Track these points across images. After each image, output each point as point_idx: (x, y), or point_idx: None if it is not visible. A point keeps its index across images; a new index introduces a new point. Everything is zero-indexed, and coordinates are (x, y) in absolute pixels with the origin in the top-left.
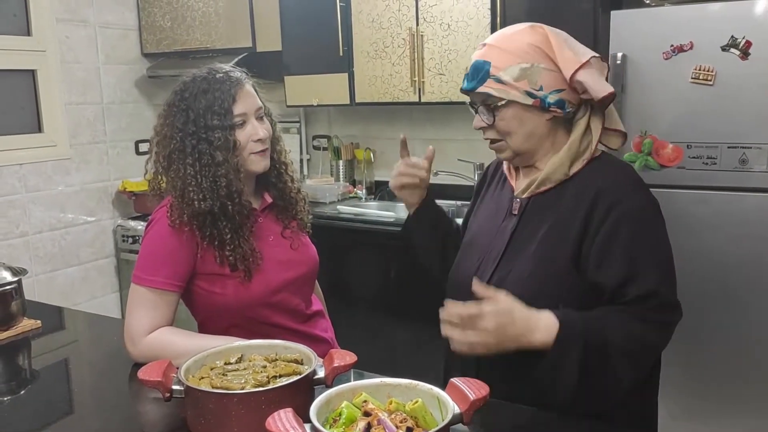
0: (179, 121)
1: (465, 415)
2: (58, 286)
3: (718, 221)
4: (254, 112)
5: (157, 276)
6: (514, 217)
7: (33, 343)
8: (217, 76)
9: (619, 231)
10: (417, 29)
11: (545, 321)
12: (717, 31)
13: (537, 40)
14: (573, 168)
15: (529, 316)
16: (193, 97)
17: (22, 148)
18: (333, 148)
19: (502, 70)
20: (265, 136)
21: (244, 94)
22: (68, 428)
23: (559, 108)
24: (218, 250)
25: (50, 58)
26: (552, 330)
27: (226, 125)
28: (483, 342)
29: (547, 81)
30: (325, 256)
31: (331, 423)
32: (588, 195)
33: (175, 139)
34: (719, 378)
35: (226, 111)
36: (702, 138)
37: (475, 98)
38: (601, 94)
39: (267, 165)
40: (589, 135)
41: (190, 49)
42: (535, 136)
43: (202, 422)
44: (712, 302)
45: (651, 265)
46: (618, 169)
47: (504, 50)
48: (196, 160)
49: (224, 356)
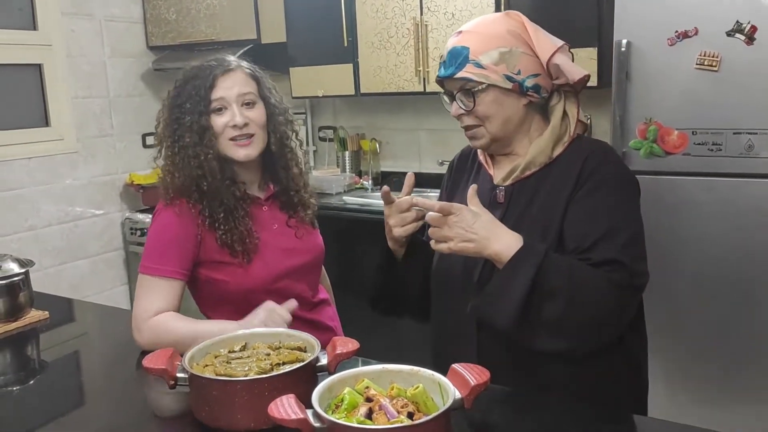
0: (167, 108)
1: (466, 400)
2: (67, 279)
3: (724, 208)
4: (236, 97)
5: (163, 264)
6: (500, 206)
7: (43, 334)
8: (209, 63)
9: (600, 187)
10: (421, 19)
11: (510, 236)
12: (722, 16)
13: (514, 26)
14: (555, 151)
15: (496, 225)
16: (182, 84)
17: (29, 142)
18: (339, 139)
19: (482, 54)
20: (240, 122)
21: (226, 79)
22: (79, 419)
23: (536, 92)
24: (216, 231)
25: (56, 52)
26: (513, 247)
27: (197, 110)
28: (454, 235)
29: (525, 65)
30: (331, 246)
31: (333, 409)
32: (578, 161)
33: (166, 124)
34: (726, 366)
35: (202, 97)
36: (707, 124)
37: (452, 85)
38: (578, 76)
39: (249, 154)
40: (567, 119)
41: (195, 41)
42: (513, 122)
43: (207, 409)
44: (719, 290)
45: (624, 229)
46: (601, 142)
47: (482, 35)
48: (174, 142)
49: (228, 344)
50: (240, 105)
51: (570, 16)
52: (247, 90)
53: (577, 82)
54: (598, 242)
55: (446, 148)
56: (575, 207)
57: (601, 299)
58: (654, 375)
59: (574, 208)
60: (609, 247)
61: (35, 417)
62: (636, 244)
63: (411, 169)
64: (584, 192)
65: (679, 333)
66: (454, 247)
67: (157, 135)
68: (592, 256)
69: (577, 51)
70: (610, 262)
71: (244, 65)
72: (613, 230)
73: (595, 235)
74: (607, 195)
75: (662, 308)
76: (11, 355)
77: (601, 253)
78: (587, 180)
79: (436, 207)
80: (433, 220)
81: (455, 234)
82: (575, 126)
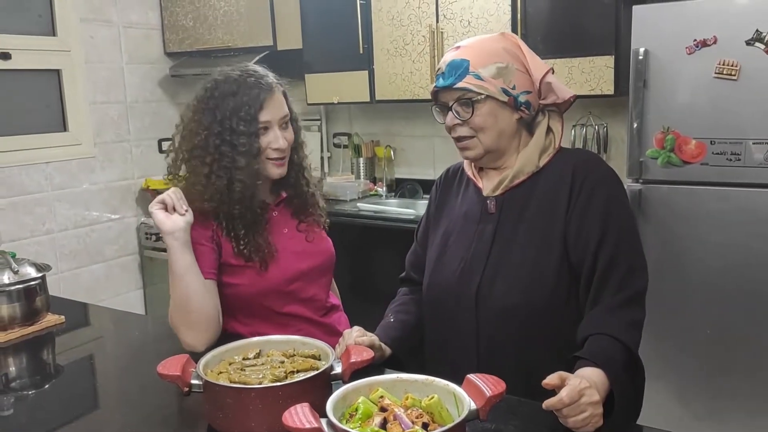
0: (206, 118)
1: (481, 411)
2: (83, 283)
3: (742, 218)
4: (279, 120)
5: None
6: (492, 216)
7: (58, 338)
8: (248, 81)
9: (597, 192)
10: (437, 26)
11: (588, 373)
12: (741, 25)
13: (510, 45)
14: (542, 160)
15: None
16: (222, 96)
17: (48, 146)
18: (353, 146)
19: (481, 67)
20: (284, 146)
21: (272, 102)
22: (94, 422)
23: (527, 108)
24: (233, 241)
25: (75, 58)
26: (600, 376)
27: (251, 131)
28: (594, 413)
29: (520, 82)
30: (345, 253)
31: (348, 418)
32: (566, 172)
33: (200, 136)
34: (745, 376)
35: (252, 117)
36: (726, 134)
37: (448, 97)
38: (567, 95)
39: (283, 173)
40: (551, 134)
41: (212, 47)
42: (505, 135)
43: (221, 416)
44: (738, 302)
45: (622, 229)
46: (586, 151)
47: (481, 50)
48: (215, 160)
49: (242, 351)
50: (279, 126)
51: (587, 24)
52: (286, 112)
53: (565, 101)
54: (602, 244)
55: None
56: (578, 215)
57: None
58: (669, 388)
59: (577, 216)
60: (609, 247)
61: (50, 420)
62: (637, 251)
63: (425, 176)
64: (583, 198)
65: (697, 345)
66: (596, 421)
67: (183, 144)
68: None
69: (594, 59)
70: (614, 266)
71: (279, 82)
72: (614, 227)
73: (599, 235)
74: (607, 200)
75: (678, 319)
76: (27, 359)
77: (606, 258)
78: (583, 185)
79: (566, 400)
80: (569, 411)
81: (584, 409)
82: (560, 139)
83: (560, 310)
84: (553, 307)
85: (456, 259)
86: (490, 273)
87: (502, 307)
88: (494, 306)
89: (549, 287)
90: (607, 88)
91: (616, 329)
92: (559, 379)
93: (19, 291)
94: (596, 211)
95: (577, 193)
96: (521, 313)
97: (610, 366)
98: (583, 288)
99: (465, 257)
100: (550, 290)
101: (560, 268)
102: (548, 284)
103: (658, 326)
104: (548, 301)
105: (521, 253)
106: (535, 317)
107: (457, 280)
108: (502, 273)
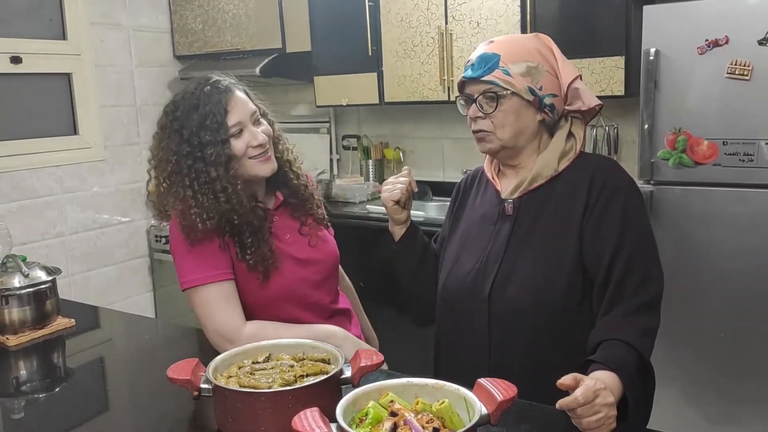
0: (173, 142)
1: (492, 416)
2: (94, 286)
3: (755, 220)
4: (249, 118)
5: (209, 271)
6: (509, 218)
7: (68, 341)
8: (205, 90)
9: (614, 199)
10: (446, 28)
11: (602, 376)
12: (753, 24)
13: (543, 46)
14: (561, 165)
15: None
16: (186, 114)
17: (58, 150)
18: (363, 148)
19: (511, 64)
20: (263, 140)
21: (235, 103)
22: (104, 426)
23: (551, 111)
24: (238, 248)
25: (85, 62)
26: (614, 379)
27: (218, 140)
28: (609, 414)
29: (547, 83)
30: (355, 255)
31: (358, 423)
32: (585, 178)
33: (171, 162)
34: (759, 381)
35: (219, 124)
36: (738, 134)
37: (474, 89)
38: (594, 103)
39: (274, 167)
40: (572, 138)
41: (221, 50)
42: (525, 134)
43: (230, 420)
44: (752, 305)
45: (638, 237)
46: (606, 158)
47: (514, 47)
48: (193, 180)
49: (252, 355)
50: (252, 123)
51: (597, 25)
52: (253, 109)
53: (590, 109)
54: (617, 252)
55: (470, 157)
56: (594, 221)
57: (651, 345)
58: (682, 391)
59: (594, 222)
60: (624, 257)
61: (60, 423)
62: (653, 260)
63: (434, 178)
64: (600, 205)
65: (710, 348)
66: (610, 423)
67: (160, 176)
68: (615, 269)
69: (604, 60)
70: (628, 273)
71: (235, 82)
72: (630, 235)
73: (615, 244)
74: (624, 207)
75: (691, 322)
76: (38, 363)
77: (621, 267)
78: (600, 192)
79: (581, 400)
80: (583, 411)
81: (599, 410)
82: (581, 144)
83: (572, 315)
84: (565, 312)
85: (471, 260)
86: (503, 275)
87: (514, 309)
88: (506, 308)
89: (561, 291)
90: (618, 89)
91: (630, 335)
92: (574, 381)
93: (30, 294)
94: (613, 219)
95: (595, 199)
96: (533, 316)
97: (624, 370)
98: (597, 294)
99: (480, 258)
100: (562, 294)
101: (574, 272)
102: (561, 288)
103: (670, 329)
104: (560, 304)
105: (535, 256)
106: (546, 320)
107: (472, 280)
108: (515, 275)
